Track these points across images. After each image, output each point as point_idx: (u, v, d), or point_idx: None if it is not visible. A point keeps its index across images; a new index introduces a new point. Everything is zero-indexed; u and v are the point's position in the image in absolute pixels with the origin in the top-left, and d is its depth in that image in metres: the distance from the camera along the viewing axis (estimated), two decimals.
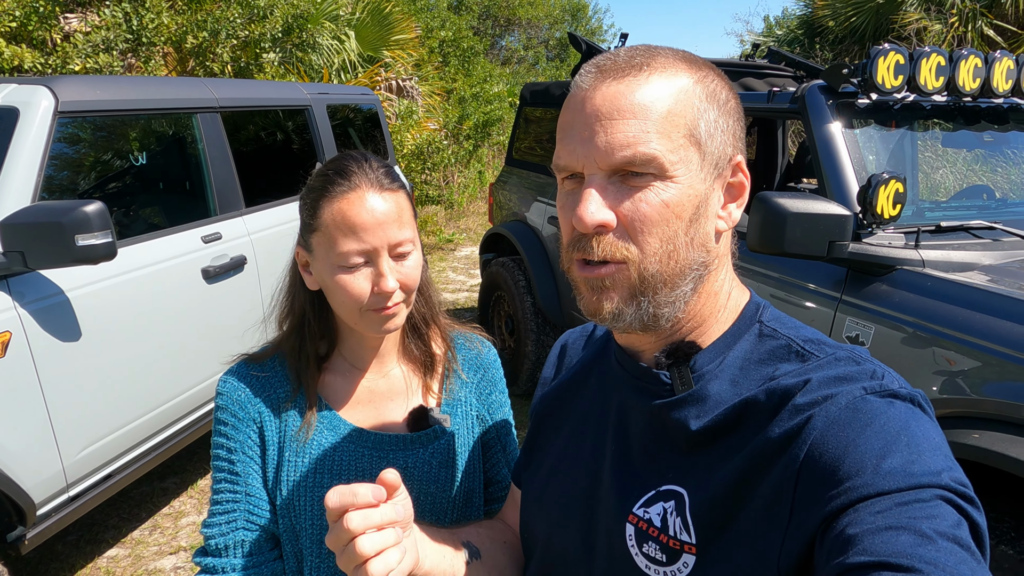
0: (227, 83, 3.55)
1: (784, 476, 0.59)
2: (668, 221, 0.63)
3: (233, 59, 6.48)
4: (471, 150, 10.83)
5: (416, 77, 9.51)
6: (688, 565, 0.64)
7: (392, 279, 0.93)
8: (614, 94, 0.63)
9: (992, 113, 2.66)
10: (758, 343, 0.69)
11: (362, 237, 0.91)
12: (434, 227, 9.16)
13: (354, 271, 0.92)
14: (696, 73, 0.66)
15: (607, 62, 0.66)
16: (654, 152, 0.62)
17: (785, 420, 0.61)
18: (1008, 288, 1.96)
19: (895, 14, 8.42)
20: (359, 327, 0.97)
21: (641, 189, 0.63)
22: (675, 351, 0.70)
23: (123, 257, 2.53)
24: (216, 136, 3.20)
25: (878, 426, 0.57)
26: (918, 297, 2.06)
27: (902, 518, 0.51)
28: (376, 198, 0.93)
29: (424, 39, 11.10)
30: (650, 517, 0.68)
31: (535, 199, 4.32)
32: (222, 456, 0.98)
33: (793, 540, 0.57)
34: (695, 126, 0.64)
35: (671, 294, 0.66)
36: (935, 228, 2.28)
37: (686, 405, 0.68)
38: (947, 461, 0.55)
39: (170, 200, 3.11)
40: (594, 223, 0.63)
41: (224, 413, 0.99)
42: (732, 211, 0.69)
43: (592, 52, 3.78)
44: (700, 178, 0.65)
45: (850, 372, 0.62)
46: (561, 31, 20.53)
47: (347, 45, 8.23)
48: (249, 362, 1.03)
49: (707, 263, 0.67)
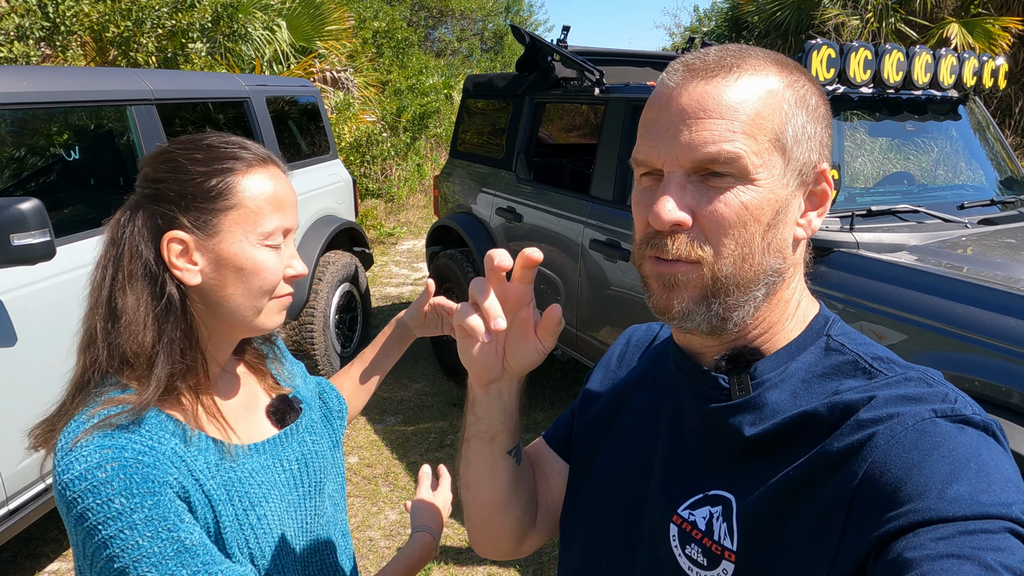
0: (162, 74, 3.42)
1: (840, 492, 0.57)
2: (746, 224, 0.62)
3: (159, 49, 6.20)
4: (409, 143, 10.72)
5: (351, 69, 9.32)
6: (727, 572, 0.63)
7: (301, 262, 0.87)
8: (702, 94, 0.62)
9: (912, 104, 2.85)
10: (824, 356, 0.67)
11: (288, 214, 0.86)
12: (375, 221, 9.04)
13: (276, 251, 0.85)
14: (787, 77, 0.64)
15: (696, 61, 0.64)
16: (739, 151, 0.60)
17: (846, 435, 0.59)
18: (934, 267, 2.12)
19: (815, 10, 8.81)
20: (257, 319, 0.86)
21: (721, 190, 0.62)
22: (737, 356, 0.68)
23: (61, 257, 2.42)
24: (153, 130, 3.08)
25: (946, 451, 0.54)
26: (854, 276, 2.20)
27: (966, 547, 0.48)
28: (284, 176, 0.88)
29: (357, 30, 10.89)
30: (695, 520, 0.67)
31: (480, 190, 4.34)
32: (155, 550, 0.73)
33: (844, 559, 0.55)
34: (782, 130, 0.62)
35: (742, 298, 0.64)
36: (867, 212, 2.44)
37: (742, 411, 0.67)
38: (1019, 494, 0.52)
39: (105, 197, 2.97)
40: (671, 220, 0.62)
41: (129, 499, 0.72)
42: (812, 219, 0.68)
43: (536, 44, 3.82)
44: (782, 183, 0.63)
45: (920, 393, 0.60)
46: (495, 23, 20.51)
47: (278, 36, 7.99)
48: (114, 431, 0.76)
49: (782, 270, 0.66)
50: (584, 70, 3.52)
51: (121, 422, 0.76)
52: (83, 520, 0.72)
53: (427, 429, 3.94)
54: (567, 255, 3.52)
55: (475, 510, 0.82)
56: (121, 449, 0.74)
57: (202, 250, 0.82)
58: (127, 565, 0.72)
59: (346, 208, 4.85)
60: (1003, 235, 2.46)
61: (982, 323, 1.86)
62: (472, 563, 2.83)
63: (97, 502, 0.72)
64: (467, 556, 2.88)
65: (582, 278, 3.43)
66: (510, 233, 4.03)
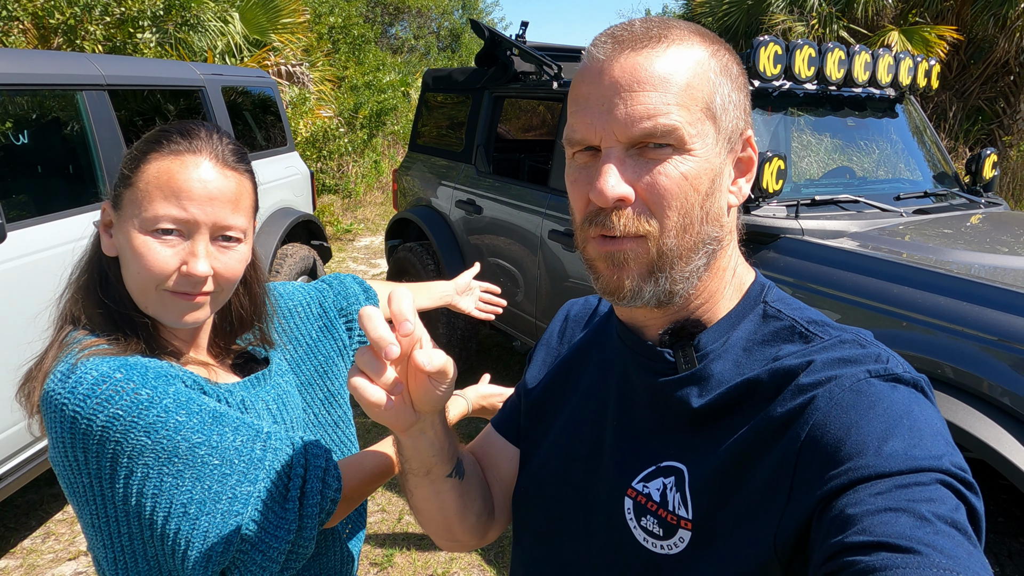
0: (115, 60, 3.34)
1: (785, 455, 0.59)
2: (686, 194, 0.62)
3: (106, 38, 6.02)
4: (366, 139, 10.64)
5: (306, 63, 9.20)
6: (684, 540, 0.65)
7: (205, 263, 0.81)
8: (633, 65, 0.61)
9: (854, 101, 3.00)
10: (762, 324, 0.69)
11: (184, 205, 0.80)
12: (331, 217, 8.95)
13: (162, 239, 0.81)
14: (710, 46, 0.65)
15: (623, 33, 0.64)
16: (675, 123, 0.61)
17: (788, 400, 0.61)
18: (873, 251, 2.25)
19: (764, 15, 9.10)
20: (149, 309, 0.83)
21: (660, 162, 0.62)
22: (680, 330, 0.69)
23: (10, 242, 2.35)
24: (105, 116, 3.01)
25: (881, 409, 0.57)
26: (799, 261, 2.31)
27: (902, 500, 0.51)
28: (214, 170, 0.83)
29: (313, 24, 10.75)
30: (649, 492, 0.68)
31: (440, 183, 4.36)
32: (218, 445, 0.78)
33: (791, 518, 0.57)
34: (711, 99, 0.63)
35: (686, 269, 0.65)
36: (811, 202, 2.56)
37: (689, 384, 0.68)
38: (948, 447, 0.55)
39: (54, 183, 2.91)
40: (615, 196, 0.61)
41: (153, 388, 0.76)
42: (742, 186, 0.69)
43: (495, 39, 3.87)
44: (715, 151, 0.64)
45: (855, 354, 0.62)
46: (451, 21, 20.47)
47: (231, 27, 7.84)
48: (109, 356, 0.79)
49: (720, 238, 0.67)
50: (543, 64, 3.58)
51: (110, 352, 0.79)
52: (111, 427, 0.73)
53: None
54: (526, 247, 3.58)
55: (431, 528, 0.83)
56: (124, 359, 0.77)
57: (116, 226, 0.85)
58: (176, 441, 0.74)
59: (304, 201, 4.81)
60: (936, 224, 2.62)
61: (917, 302, 1.99)
62: (434, 548, 2.86)
63: (123, 400, 0.74)
64: (429, 541, 2.90)
65: (541, 269, 3.49)
66: (470, 225, 4.07)
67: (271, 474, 0.81)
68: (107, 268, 0.86)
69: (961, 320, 1.89)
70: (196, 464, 0.76)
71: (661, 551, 0.67)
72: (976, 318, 1.87)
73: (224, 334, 0.98)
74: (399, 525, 3.03)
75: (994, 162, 3.10)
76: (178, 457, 0.75)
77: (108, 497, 0.76)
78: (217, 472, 0.77)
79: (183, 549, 0.75)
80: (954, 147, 8.75)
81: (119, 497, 0.75)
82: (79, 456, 0.75)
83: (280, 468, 0.82)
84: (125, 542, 0.78)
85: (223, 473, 0.77)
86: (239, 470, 0.78)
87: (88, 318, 0.84)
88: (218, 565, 0.77)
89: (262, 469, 0.80)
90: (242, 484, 0.78)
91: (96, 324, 0.84)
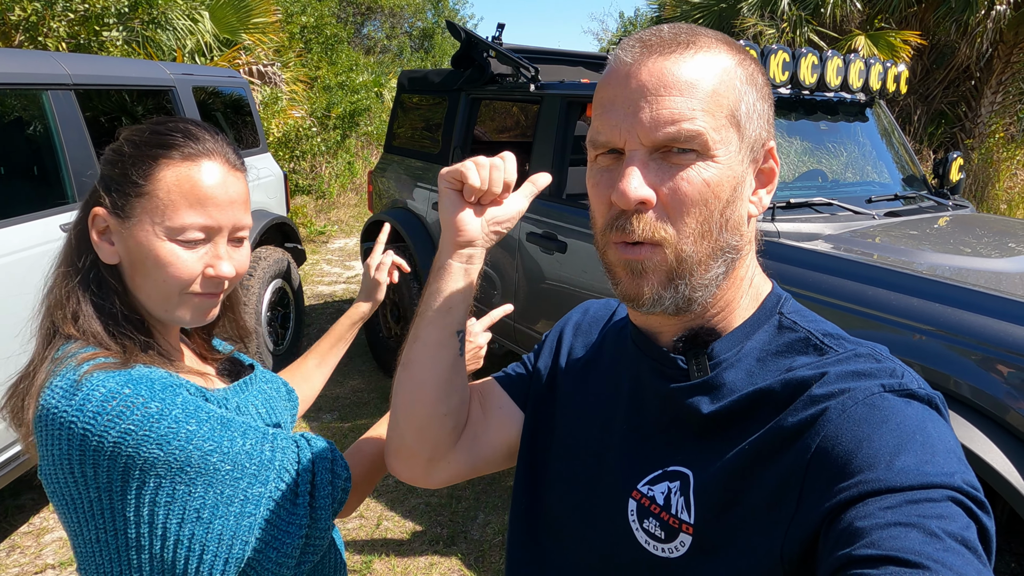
0: (82, 58, 3.26)
1: (794, 465, 0.59)
2: (707, 201, 0.62)
3: (70, 35, 5.87)
4: (339, 140, 10.53)
5: (278, 63, 9.08)
6: (685, 544, 0.65)
7: (229, 264, 0.85)
8: (660, 69, 0.62)
9: (826, 105, 3.05)
10: (777, 335, 0.69)
11: (211, 212, 0.83)
12: (305, 219, 8.84)
13: (189, 246, 0.83)
14: (736, 55, 0.65)
15: (652, 37, 0.64)
16: (700, 128, 0.61)
17: (799, 410, 0.61)
18: (847, 253, 2.29)
19: (735, 19, 9.22)
20: (169, 311, 0.85)
21: (683, 167, 0.62)
22: (694, 337, 0.69)
23: None
24: (71, 116, 2.93)
25: (894, 424, 0.57)
26: (776, 263, 2.34)
27: (912, 515, 0.50)
28: (228, 174, 0.85)
29: (285, 24, 10.61)
30: (654, 495, 0.68)
31: (416, 185, 4.34)
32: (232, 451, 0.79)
33: (799, 528, 0.57)
34: (736, 107, 0.63)
35: (705, 276, 0.65)
36: (786, 204, 2.60)
37: (700, 391, 0.68)
38: (960, 464, 0.55)
39: (18, 185, 2.82)
40: (637, 198, 0.61)
41: (162, 400, 0.76)
42: (763, 196, 0.69)
43: (472, 40, 3.85)
44: (738, 160, 0.64)
45: (869, 368, 0.62)
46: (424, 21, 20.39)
47: (201, 26, 7.70)
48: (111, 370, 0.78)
49: (739, 247, 0.67)
50: (520, 66, 3.58)
51: (113, 367, 0.78)
52: (124, 442, 0.73)
53: (364, 425, 3.91)
54: (504, 250, 3.57)
55: (406, 395, 0.78)
56: (128, 373, 0.77)
57: (118, 233, 0.84)
58: (188, 451, 0.75)
59: (277, 203, 4.74)
60: (905, 226, 2.68)
61: (889, 303, 2.03)
62: (413, 554, 2.84)
63: (134, 415, 0.74)
64: (408, 547, 2.88)
65: (519, 272, 3.49)
66: None
67: (281, 473, 0.83)
68: (105, 276, 0.85)
69: (930, 320, 1.93)
70: (208, 471, 0.77)
71: (662, 554, 0.67)
72: (944, 318, 1.91)
73: (202, 333, 1.00)
74: (377, 531, 3.00)
75: (960, 165, 3.18)
76: (191, 466, 0.76)
77: (118, 509, 0.76)
78: (229, 477, 0.78)
79: (199, 553, 0.76)
80: (919, 150, 8.97)
81: (131, 508, 0.75)
82: (87, 472, 0.74)
83: (288, 466, 0.84)
84: (132, 555, 0.77)
85: (234, 477, 0.79)
86: (250, 473, 0.80)
87: (81, 330, 0.83)
88: (235, 567, 0.78)
89: (272, 470, 0.82)
90: (253, 486, 0.80)
91: (91, 335, 0.82)
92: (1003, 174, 8.23)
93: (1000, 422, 1.79)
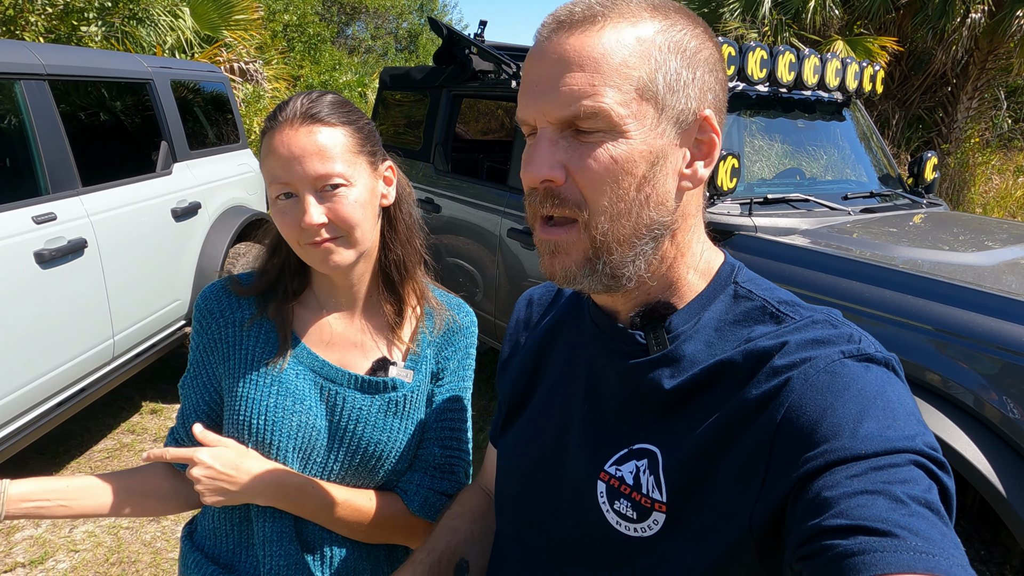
0: (56, 49, 3.21)
1: (760, 437, 0.59)
2: (618, 178, 0.61)
3: (48, 30, 5.79)
4: None
5: (260, 61, 9.02)
6: (658, 523, 0.65)
7: (315, 213, 0.90)
8: (564, 47, 0.61)
9: (803, 104, 3.09)
10: (733, 304, 0.69)
11: (282, 173, 0.91)
12: None
13: (283, 205, 0.92)
14: (662, 21, 0.62)
15: (564, 13, 0.63)
16: (601, 105, 0.59)
17: (762, 382, 0.61)
18: (823, 247, 2.31)
19: (717, 22, 9.31)
20: (306, 260, 0.97)
21: (591, 145, 0.61)
22: (651, 312, 0.69)
23: None
24: (45, 107, 2.88)
25: (855, 390, 0.58)
26: (752, 257, 2.36)
27: (877, 482, 0.51)
28: (293, 132, 0.91)
29: (267, 21, 10.55)
30: (622, 475, 0.68)
31: None
32: (192, 353, 1.06)
33: (767, 500, 0.58)
34: (652, 79, 0.61)
35: (629, 254, 0.64)
36: (763, 200, 2.62)
37: (661, 366, 0.68)
38: (920, 426, 0.56)
39: None
40: (539, 176, 0.62)
41: (195, 320, 1.05)
42: (698, 169, 0.65)
43: (453, 37, 3.85)
44: (656, 133, 0.62)
45: (828, 335, 0.62)
46: (409, 22, 20.37)
47: (181, 22, 7.64)
48: (230, 281, 1.05)
49: (668, 223, 0.65)
50: (501, 63, 3.59)
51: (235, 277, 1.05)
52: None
53: None
54: (485, 246, 3.57)
55: None
56: (206, 296, 1.04)
57: None
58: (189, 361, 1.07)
59: (257, 199, 4.70)
60: (881, 222, 2.72)
61: (864, 296, 2.05)
62: None
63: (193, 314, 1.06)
64: None
65: (500, 268, 3.49)
66: (428, 224, 3.99)
67: None
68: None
69: (906, 313, 1.95)
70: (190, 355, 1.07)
71: (635, 534, 0.67)
72: (922, 311, 1.93)
73: (387, 285, 1.05)
74: None
75: (935, 164, 3.23)
76: None
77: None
78: None
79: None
80: (897, 153, 9.11)
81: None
82: None
83: None
84: None
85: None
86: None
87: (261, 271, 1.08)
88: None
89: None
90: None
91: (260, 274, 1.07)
92: (979, 178, 8.38)
93: (977, 415, 1.80)
